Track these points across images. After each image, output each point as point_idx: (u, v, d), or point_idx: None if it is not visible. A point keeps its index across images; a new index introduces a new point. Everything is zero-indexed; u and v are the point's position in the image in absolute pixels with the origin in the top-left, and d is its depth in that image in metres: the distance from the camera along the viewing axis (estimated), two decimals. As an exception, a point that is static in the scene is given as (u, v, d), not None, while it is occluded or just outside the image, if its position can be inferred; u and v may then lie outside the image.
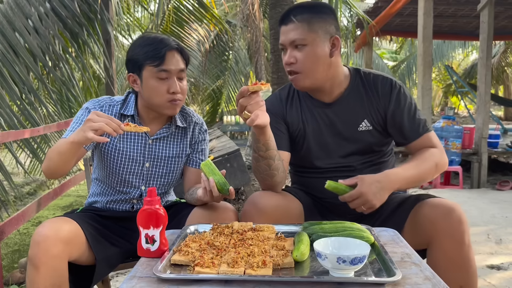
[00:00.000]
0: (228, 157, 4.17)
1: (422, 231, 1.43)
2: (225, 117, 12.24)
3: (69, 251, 1.42)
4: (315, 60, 1.56)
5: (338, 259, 1.03)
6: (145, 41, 1.64)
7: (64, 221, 1.47)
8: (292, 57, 1.56)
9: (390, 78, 1.66)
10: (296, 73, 1.58)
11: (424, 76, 5.94)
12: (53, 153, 1.52)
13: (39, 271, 1.36)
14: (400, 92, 1.63)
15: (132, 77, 1.67)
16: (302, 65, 1.56)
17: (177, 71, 1.62)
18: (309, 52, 1.55)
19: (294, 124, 1.69)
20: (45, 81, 3.09)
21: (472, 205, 4.23)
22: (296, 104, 1.72)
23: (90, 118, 1.38)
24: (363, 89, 1.66)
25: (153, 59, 1.59)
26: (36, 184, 6.66)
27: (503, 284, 2.42)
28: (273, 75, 4.49)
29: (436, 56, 14.37)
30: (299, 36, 1.54)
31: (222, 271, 1.07)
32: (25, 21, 3.00)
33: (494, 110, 16.78)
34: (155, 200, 1.23)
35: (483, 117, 5.25)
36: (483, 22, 5.18)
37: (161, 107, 1.65)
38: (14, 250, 3.93)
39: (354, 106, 1.65)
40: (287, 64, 1.59)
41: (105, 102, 1.71)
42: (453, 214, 1.38)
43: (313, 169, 1.70)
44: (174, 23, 7.23)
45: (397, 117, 1.62)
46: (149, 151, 1.72)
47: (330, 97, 1.66)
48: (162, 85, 1.61)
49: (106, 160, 1.70)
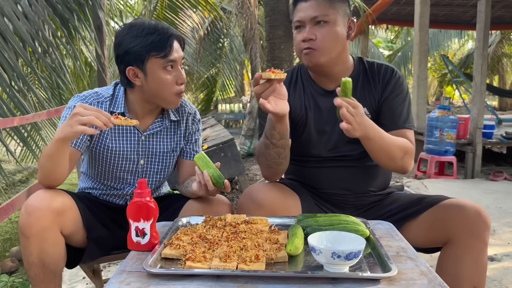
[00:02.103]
0: (222, 147, 4.13)
1: (444, 229, 1.43)
2: (220, 105, 12.15)
3: (61, 222, 1.39)
4: (335, 38, 1.53)
5: (333, 254, 1.01)
6: (143, 31, 1.50)
7: (57, 193, 1.43)
8: (312, 33, 1.52)
9: (393, 68, 1.65)
10: (312, 49, 1.53)
11: (420, 65, 5.92)
12: (43, 159, 1.41)
13: (30, 241, 1.36)
14: (398, 81, 1.62)
15: (133, 71, 1.53)
16: (321, 43, 1.52)
17: (180, 60, 1.56)
18: (330, 29, 1.52)
19: (297, 110, 1.66)
20: (34, 67, 3.02)
21: (466, 196, 4.23)
22: (300, 89, 1.69)
23: (77, 112, 1.29)
24: (365, 77, 1.64)
25: (159, 50, 1.49)
26: (28, 172, 6.59)
27: (496, 275, 2.43)
28: (268, 63, 4.45)
29: (432, 45, 14.33)
30: (322, 12, 1.51)
31: (214, 265, 1.05)
32: (14, 6, 2.92)
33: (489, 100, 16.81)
34: (145, 193, 1.20)
35: (478, 107, 5.24)
36: (480, 12, 5.13)
37: (167, 101, 1.57)
38: (5, 238, 3.89)
39: (356, 94, 1.60)
40: (305, 41, 1.53)
41: (92, 99, 1.60)
42: (482, 214, 1.39)
43: (311, 157, 1.67)
44: (167, 9, 7.12)
45: (386, 102, 1.61)
46: (143, 147, 1.66)
47: (334, 83, 1.61)
48: (170, 76, 1.53)
49: (98, 159, 1.63)
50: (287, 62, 4.28)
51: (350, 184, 1.63)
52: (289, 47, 4.31)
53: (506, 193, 4.35)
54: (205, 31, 9.72)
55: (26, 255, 1.39)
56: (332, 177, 1.64)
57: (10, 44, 2.84)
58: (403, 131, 1.58)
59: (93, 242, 1.53)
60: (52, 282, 1.42)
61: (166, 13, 7.17)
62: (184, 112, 1.73)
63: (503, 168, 5.58)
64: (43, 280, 1.41)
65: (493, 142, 5.59)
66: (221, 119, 11.20)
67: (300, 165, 1.72)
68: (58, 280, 1.45)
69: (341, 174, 1.64)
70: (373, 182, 1.67)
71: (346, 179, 1.63)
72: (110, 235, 1.60)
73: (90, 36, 3.37)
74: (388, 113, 1.60)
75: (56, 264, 1.41)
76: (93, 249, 1.55)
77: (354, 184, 1.64)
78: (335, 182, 1.64)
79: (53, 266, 1.41)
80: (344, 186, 1.64)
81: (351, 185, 1.64)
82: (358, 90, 1.63)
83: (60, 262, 1.44)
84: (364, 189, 1.65)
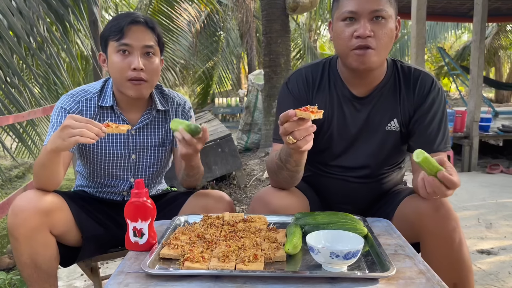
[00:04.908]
0: (219, 142, 4.12)
1: (411, 226, 1.37)
2: (217, 99, 12.12)
3: (50, 222, 1.39)
4: (390, 37, 1.38)
5: (331, 254, 1.01)
6: (113, 18, 1.57)
7: (46, 193, 1.42)
8: (370, 29, 1.34)
9: (432, 77, 1.50)
10: (368, 48, 1.35)
11: (417, 58, 5.90)
12: (37, 168, 1.41)
13: (19, 242, 1.36)
14: (438, 96, 1.48)
15: (102, 56, 1.59)
16: (378, 41, 1.35)
17: (141, 47, 1.51)
18: (387, 27, 1.36)
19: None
20: (29, 63, 2.99)
21: (463, 189, 4.25)
22: (325, 90, 1.54)
23: (67, 124, 1.26)
24: (398, 84, 1.50)
25: (115, 33, 1.50)
26: (24, 167, 6.57)
27: (493, 269, 2.44)
28: (265, 57, 4.43)
29: (428, 37, 14.32)
30: (383, 7, 1.34)
31: (213, 266, 1.05)
32: (8, 1, 2.88)
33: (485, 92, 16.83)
34: (142, 193, 1.19)
35: (475, 100, 5.24)
36: (477, 4, 5.12)
37: (123, 86, 1.54)
38: (2, 235, 3.88)
39: (386, 103, 1.50)
40: (362, 37, 1.34)
41: (81, 96, 1.59)
42: (441, 210, 1.30)
43: (327, 165, 1.59)
44: (163, 2, 7.06)
45: (422, 120, 1.47)
46: (133, 142, 1.65)
47: (366, 88, 1.49)
48: (123, 61, 1.50)
49: (90, 158, 1.62)
50: (284, 56, 4.26)
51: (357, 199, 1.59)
52: (286, 42, 4.29)
53: (502, 186, 4.36)
54: (201, 24, 9.68)
55: (17, 256, 1.39)
56: (341, 189, 1.59)
57: (5, 40, 2.82)
58: (438, 154, 1.37)
59: (88, 240, 1.53)
60: (46, 281, 1.42)
61: (162, 7, 7.13)
62: (173, 103, 1.71)
63: (500, 161, 5.60)
64: (37, 280, 1.41)
65: (489, 135, 5.61)
66: (218, 113, 11.19)
67: (316, 172, 1.65)
68: (53, 280, 1.45)
69: (353, 189, 1.58)
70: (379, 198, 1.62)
71: (356, 194, 1.58)
72: (106, 233, 1.60)
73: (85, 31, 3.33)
74: (423, 134, 1.47)
75: (48, 264, 1.41)
76: (88, 247, 1.55)
77: (361, 199, 1.60)
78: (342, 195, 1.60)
79: (46, 266, 1.40)
80: (349, 201, 1.59)
81: (358, 200, 1.59)
82: (388, 97, 1.50)
83: (53, 262, 1.43)
84: (368, 204, 1.62)
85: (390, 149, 1.54)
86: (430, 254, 1.33)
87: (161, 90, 1.72)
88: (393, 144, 1.53)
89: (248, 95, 7.09)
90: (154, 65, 1.55)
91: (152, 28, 1.55)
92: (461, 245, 1.31)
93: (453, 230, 1.29)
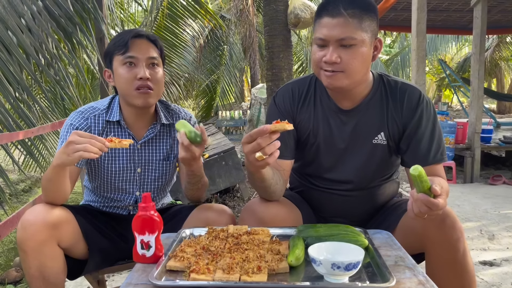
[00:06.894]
0: (223, 155, 4.18)
1: (415, 236, 1.40)
2: (220, 112, 12.20)
3: (58, 235, 1.43)
4: (361, 61, 1.39)
5: (333, 265, 1.05)
6: (116, 35, 1.64)
7: (53, 207, 1.46)
8: (337, 56, 1.37)
9: (419, 90, 1.51)
10: (335, 72, 1.40)
11: (418, 71, 5.95)
12: (44, 183, 1.46)
13: (28, 255, 1.39)
14: (427, 108, 1.49)
15: (107, 72, 1.66)
16: (346, 66, 1.38)
17: (146, 59, 1.59)
18: (357, 52, 1.37)
19: (304, 126, 1.57)
20: (38, 80, 3.07)
21: (465, 200, 4.27)
22: (310, 104, 1.57)
23: (72, 140, 1.31)
24: (385, 98, 1.52)
25: (120, 48, 1.58)
26: (31, 181, 6.62)
27: (495, 280, 2.45)
28: (267, 71, 4.49)
29: (429, 49, 14.42)
30: (350, 35, 1.35)
31: (218, 277, 1.08)
32: (18, 19, 2.97)
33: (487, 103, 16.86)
34: (149, 206, 1.24)
35: (476, 112, 5.28)
36: (476, 18, 5.19)
37: (130, 96, 1.60)
38: (10, 248, 3.91)
39: (373, 116, 1.52)
40: (329, 63, 1.38)
41: (89, 113, 1.66)
42: (446, 220, 1.32)
43: (317, 178, 1.62)
44: (168, 18, 7.18)
45: (414, 135, 1.48)
46: (139, 156, 1.69)
47: (352, 102, 1.52)
48: (129, 72, 1.58)
49: (96, 172, 1.67)
50: (286, 70, 4.32)
51: (350, 212, 1.61)
52: (288, 56, 4.36)
53: (505, 197, 4.37)
54: (205, 39, 9.80)
55: (26, 268, 1.43)
56: (333, 203, 1.62)
57: (15, 57, 2.89)
58: (433, 167, 1.44)
59: (95, 253, 1.57)
60: None
61: (167, 23, 7.24)
62: (178, 117, 1.76)
63: (502, 172, 5.61)
64: None
65: (491, 146, 5.63)
66: (221, 126, 11.26)
67: (305, 184, 1.68)
68: None
69: (344, 202, 1.60)
70: (373, 211, 1.65)
71: (348, 207, 1.61)
72: (113, 246, 1.64)
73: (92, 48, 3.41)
74: (417, 149, 1.48)
75: (56, 277, 1.44)
76: (95, 260, 1.58)
77: (354, 212, 1.62)
78: (335, 208, 1.62)
79: (54, 278, 1.44)
80: (343, 214, 1.61)
81: (351, 213, 1.61)
82: (375, 110, 1.52)
83: (60, 275, 1.47)
84: (363, 217, 1.64)
85: (378, 162, 1.56)
86: (434, 264, 1.36)
87: (166, 105, 1.78)
88: (381, 157, 1.55)
89: (251, 108, 7.16)
90: (159, 75, 1.63)
91: (154, 41, 1.64)
92: (465, 255, 1.33)
93: (457, 240, 1.31)
